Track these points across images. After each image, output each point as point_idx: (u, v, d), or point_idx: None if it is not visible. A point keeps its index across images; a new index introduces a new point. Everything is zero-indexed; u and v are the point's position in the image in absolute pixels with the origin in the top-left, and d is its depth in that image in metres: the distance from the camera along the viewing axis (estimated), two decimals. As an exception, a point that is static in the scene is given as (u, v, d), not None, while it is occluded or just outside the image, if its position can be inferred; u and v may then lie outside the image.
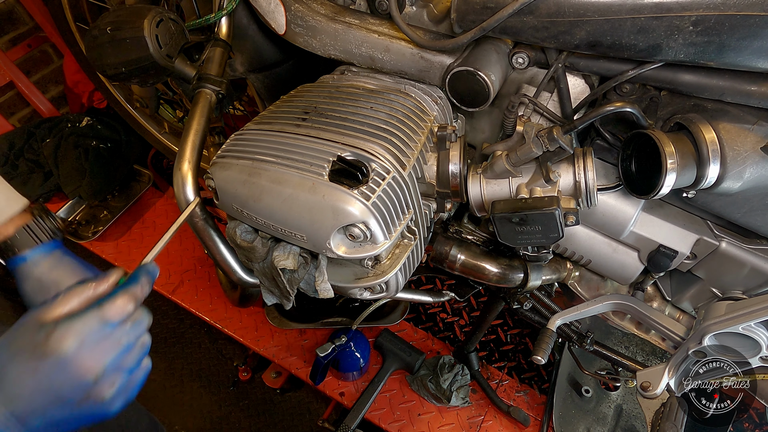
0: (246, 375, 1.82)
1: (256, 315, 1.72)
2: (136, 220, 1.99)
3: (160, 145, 1.84)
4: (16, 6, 1.96)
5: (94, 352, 0.51)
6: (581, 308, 1.03)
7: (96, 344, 0.51)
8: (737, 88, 0.70)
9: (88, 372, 0.50)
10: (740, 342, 0.83)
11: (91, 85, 2.06)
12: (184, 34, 0.94)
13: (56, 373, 0.50)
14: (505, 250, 1.07)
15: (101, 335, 0.51)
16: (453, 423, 1.49)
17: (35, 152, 1.94)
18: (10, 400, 0.49)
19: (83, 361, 0.50)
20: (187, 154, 0.86)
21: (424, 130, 0.84)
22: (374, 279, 0.80)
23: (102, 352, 0.51)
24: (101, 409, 0.53)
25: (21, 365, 0.50)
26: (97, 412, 0.53)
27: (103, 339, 0.52)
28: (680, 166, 0.71)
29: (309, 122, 0.80)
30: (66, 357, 0.50)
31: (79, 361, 0.50)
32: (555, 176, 0.81)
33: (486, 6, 0.75)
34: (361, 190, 0.70)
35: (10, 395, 0.49)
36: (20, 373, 0.50)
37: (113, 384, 0.52)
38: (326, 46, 0.95)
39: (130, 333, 0.54)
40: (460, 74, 0.81)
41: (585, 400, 1.48)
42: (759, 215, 0.80)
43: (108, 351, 0.52)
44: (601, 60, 0.78)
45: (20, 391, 0.49)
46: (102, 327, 0.51)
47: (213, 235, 0.90)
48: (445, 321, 1.73)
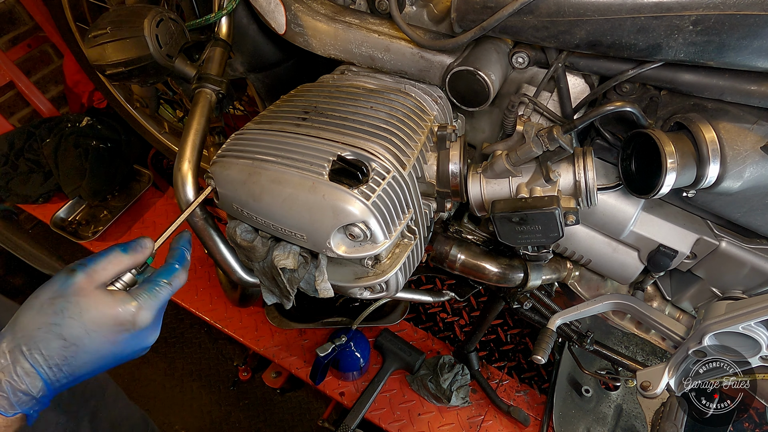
0: (246, 375, 1.82)
1: (256, 315, 1.72)
2: (136, 220, 1.99)
3: (160, 145, 1.84)
4: (16, 6, 1.96)
5: (157, 318, 0.58)
6: (581, 308, 1.03)
7: (162, 312, 0.59)
8: (737, 88, 0.70)
9: (154, 338, 0.59)
10: (740, 341, 0.83)
11: (91, 85, 2.06)
12: (184, 33, 0.94)
13: (133, 343, 0.56)
14: (505, 249, 1.07)
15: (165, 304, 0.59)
16: (453, 423, 1.49)
17: (35, 152, 1.94)
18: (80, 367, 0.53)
19: (156, 332, 0.59)
20: (187, 153, 0.86)
21: (424, 130, 0.84)
22: (374, 278, 0.80)
23: (160, 317, 0.59)
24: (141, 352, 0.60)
25: (102, 338, 0.54)
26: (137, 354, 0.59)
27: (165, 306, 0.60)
28: (680, 165, 0.71)
29: (309, 122, 0.80)
30: (146, 329, 0.57)
31: (154, 333, 0.58)
32: (555, 176, 0.81)
33: (486, 6, 0.75)
34: (361, 189, 0.70)
35: (81, 363, 0.53)
36: (99, 345, 0.54)
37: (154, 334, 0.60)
38: (326, 45, 0.95)
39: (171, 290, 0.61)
40: (460, 74, 0.81)
41: (585, 399, 1.48)
42: (759, 215, 0.80)
43: (162, 307, 0.59)
44: (601, 59, 0.78)
45: (93, 358, 0.54)
46: (168, 296, 0.59)
47: (213, 235, 0.90)
48: (445, 321, 1.73)
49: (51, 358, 0.51)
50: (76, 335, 0.52)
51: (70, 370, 0.52)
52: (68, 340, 0.51)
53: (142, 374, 1.88)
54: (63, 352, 0.51)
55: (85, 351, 0.52)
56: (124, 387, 1.81)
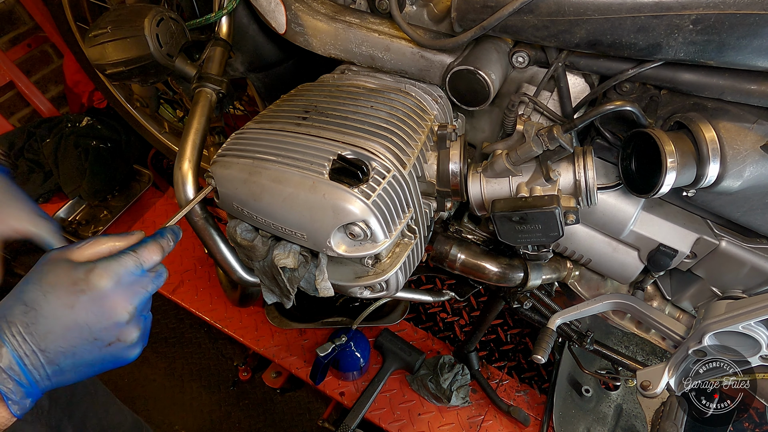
0: (246, 375, 1.82)
1: (256, 315, 1.72)
2: (136, 220, 1.99)
3: (160, 144, 1.84)
4: (16, 6, 1.96)
5: (128, 291, 0.54)
6: (581, 307, 1.03)
7: (130, 285, 0.54)
8: (737, 87, 0.70)
9: (123, 310, 0.53)
10: (740, 341, 0.83)
11: (91, 85, 2.06)
12: (185, 33, 0.94)
13: (94, 308, 0.51)
14: (505, 249, 1.07)
15: (134, 277, 0.54)
16: (453, 423, 1.49)
17: (35, 152, 1.94)
18: (43, 336, 0.50)
19: (120, 299, 0.53)
20: (188, 153, 0.86)
21: (425, 129, 0.84)
22: (374, 278, 0.80)
23: (134, 293, 0.54)
24: (125, 354, 0.55)
25: (57, 300, 0.50)
26: (121, 357, 0.55)
27: (135, 281, 0.55)
28: (680, 164, 0.72)
29: (309, 121, 0.80)
30: (105, 292, 0.52)
31: (116, 298, 0.53)
32: (555, 175, 0.81)
33: (486, 5, 0.75)
34: (362, 188, 0.70)
35: (43, 331, 0.50)
36: (56, 308, 0.50)
37: (138, 328, 0.55)
38: (326, 45, 0.95)
39: (154, 281, 0.57)
40: (460, 73, 0.81)
41: (585, 399, 1.48)
42: (759, 214, 0.80)
43: (139, 293, 0.55)
44: (601, 59, 0.78)
45: (54, 327, 0.50)
46: (135, 269, 0.54)
47: (213, 235, 0.90)
48: (445, 321, 1.73)
49: (13, 324, 0.49)
50: (33, 298, 0.50)
51: (36, 342, 0.50)
52: (27, 304, 0.50)
53: (142, 374, 1.88)
54: (24, 318, 0.49)
55: (44, 315, 0.50)
56: (124, 387, 1.83)
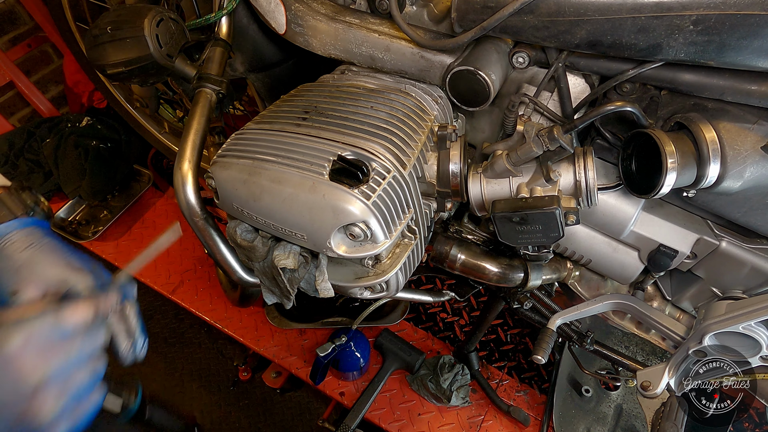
0: (246, 375, 1.82)
1: (256, 315, 1.72)
2: (136, 220, 1.99)
3: (160, 145, 1.84)
4: (16, 6, 1.96)
5: (39, 354, 0.46)
6: (581, 308, 1.03)
7: (43, 346, 0.46)
8: (737, 88, 0.70)
9: (28, 375, 0.45)
10: (740, 341, 0.83)
11: (91, 85, 2.06)
12: (185, 33, 0.94)
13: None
14: (505, 249, 1.07)
15: (51, 339, 0.47)
16: (453, 423, 1.49)
17: (35, 152, 1.94)
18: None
19: (25, 362, 0.45)
20: (188, 153, 0.86)
21: (425, 130, 0.84)
22: (374, 278, 0.80)
23: (47, 357, 0.46)
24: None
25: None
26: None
27: (52, 343, 0.47)
28: (680, 165, 0.71)
29: (309, 121, 0.80)
30: (7, 355, 0.45)
31: (20, 361, 0.45)
32: (555, 175, 0.81)
33: (486, 5, 0.75)
34: (362, 189, 0.70)
35: None
36: None
37: (56, 399, 0.46)
38: (326, 45, 0.95)
39: (82, 345, 0.49)
40: (460, 74, 0.81)
41: (585, 399, 1.48)
42: (759, 214, 0.80)
43: (54, 357, 0.47)
44: (601, 59, 0.78)
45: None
46: (53, 330, 0.47)
47: (213, 235, 0.90)
48: (445, 321, 1.73)
49: None
50: None
51: None
52: None
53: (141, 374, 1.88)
54: None
55: None
56: (124, 387, 1.83)
